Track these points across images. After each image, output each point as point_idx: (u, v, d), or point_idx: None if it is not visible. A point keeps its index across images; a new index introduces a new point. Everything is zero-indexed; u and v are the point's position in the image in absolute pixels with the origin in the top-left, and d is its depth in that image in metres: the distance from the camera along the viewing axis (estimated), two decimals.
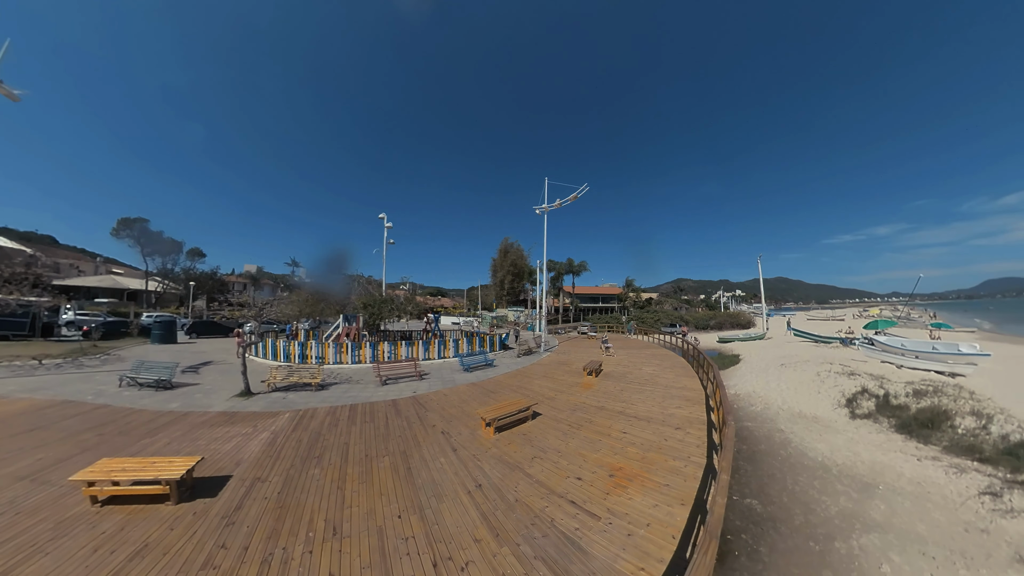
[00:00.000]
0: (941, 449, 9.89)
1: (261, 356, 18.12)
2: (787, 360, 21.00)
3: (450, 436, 8.13)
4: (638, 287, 74.02)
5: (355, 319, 20.73)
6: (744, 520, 6.67)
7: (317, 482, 5.94)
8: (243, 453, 7.00)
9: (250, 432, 8.15)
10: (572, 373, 15.45)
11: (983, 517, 7.02)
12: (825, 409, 13.48)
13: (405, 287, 65.25)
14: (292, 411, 9.80)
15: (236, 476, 6.08)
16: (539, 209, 22.51)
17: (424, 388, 12.79)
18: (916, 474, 8.67)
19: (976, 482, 8.16)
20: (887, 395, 13.53)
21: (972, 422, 10.95)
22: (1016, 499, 7.44)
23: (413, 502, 5.36)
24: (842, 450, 9.99)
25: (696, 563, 3.03)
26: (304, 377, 12.41)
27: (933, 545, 6.19)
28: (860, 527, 6.63)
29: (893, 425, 11.54)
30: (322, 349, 17.06)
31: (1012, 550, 6.11)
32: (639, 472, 6.35)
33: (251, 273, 69.33)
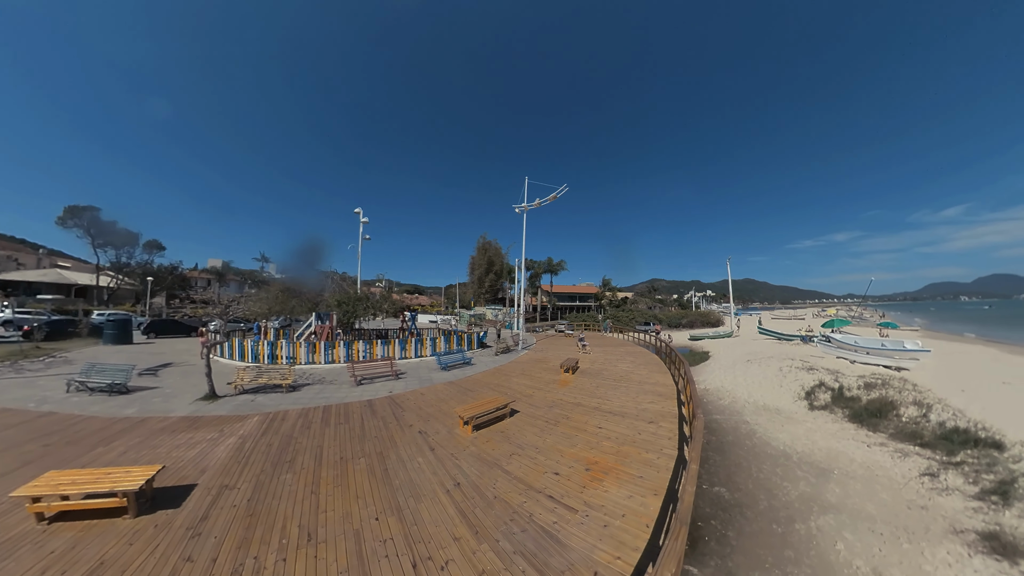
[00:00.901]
0: (887, 436, 10.72)
1: (227, 357, 17.25)
2: (753, 356, 22.13)
3: (427, 435, 8.06)
4: (614, 286, 75.68)
5: (328, 317, 20.10)
6: (713, 507, 7.00)
7: (289, 487, 5.74)
8: (209, 460, 6.66)
9: (216, 437, 7.76)
10: (549, 371, 15.63)
11: (923, 495, 7.69)
12: (787, 401, 14.31)
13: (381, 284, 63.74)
14: (261, 414, 9.40)
15: (202, 484, 5.77)
16: (518, 208, 22.57)
17: (401, 387, 12.59)
18: (866, 459, 9.36)
19: (917, 465, 8.91)
20: (841, 388, 14.52)
21: (914, 411, 11.93)
22: (951, 478, 8.20)
23: (391, 503, 5.28)
24: (802, 439, 10.64)
25: (667, 548, 3.16)
26: (274, 378, 11.93)
27: (881, 523, 6.73)
28: (818, 509, 7.11)
29: (846, 415, 12.40)
30: (293, 349, 16.46)
31: (947, 523, 6.74)
32: (614, 465, 6.53)
33: (216, 268, 65.10)
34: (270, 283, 34.38)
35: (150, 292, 43.15)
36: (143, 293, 43.56)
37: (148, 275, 43.97)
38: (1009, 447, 9.34)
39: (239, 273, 69.57)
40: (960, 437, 9.94)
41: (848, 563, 5.70)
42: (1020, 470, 8.29)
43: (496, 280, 64.30)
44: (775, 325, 46.92)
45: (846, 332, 29.50)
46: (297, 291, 23.02)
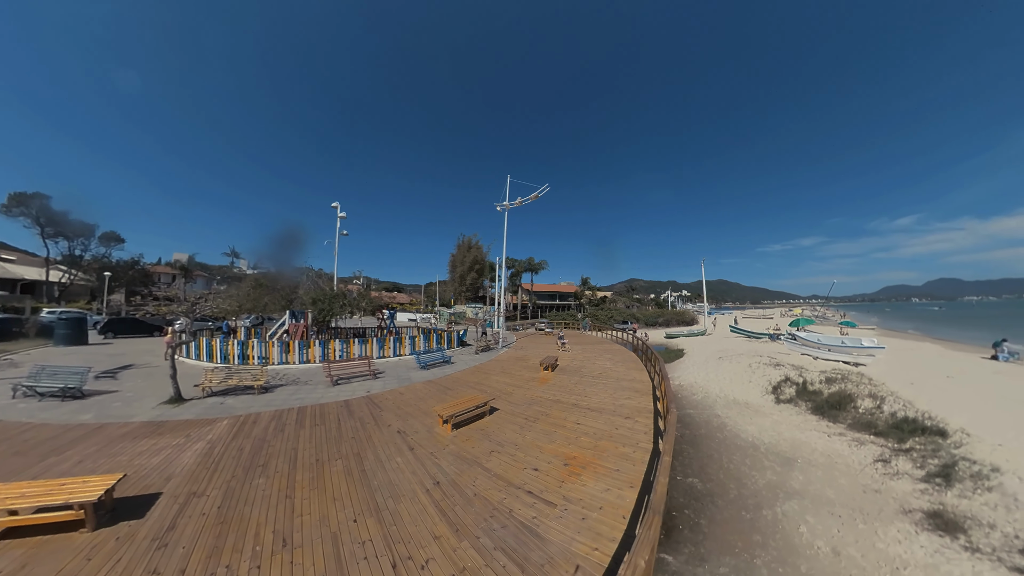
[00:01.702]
0: (846, 426, 11.41)
1: (194, 357, 16.47)
2: (724, 354, 23.04)
3: (406, 435, 7.98)
4: (593, 285, 76.90)
5: (303, 315, 19.49)
6: (687, 497, 7.27)
7: (263, 492, 5.55)
8: (175, 466, 6.35)
9: (182, 443, 7.41)
10: (529, 368, 15.76)
11: (876, 480, 8.25)
12: (755, 396, 14.98)
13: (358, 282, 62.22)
14: (232, 417, 9.04)
15: (167, 493, 5.49)
16: (500, 206, 22.59)
17: (379, 387, 12.39)
18: (826, 448, 9.94)
19: (871, 452, 9.54)
20: (805, 382, 15.34)
21: (870, 403, 12.75)
22: (901, 464, 8.83)
23: (369, 504, 5.21)
24: (769, 431, 11.17)
25: (641, 537, 3.28)
26: (245, 379, 11.48)
27: (839, 506, 7.18)
28: (783, 495, 7.51)
29: (809, 408, 13.11)
30: (266, 348, 15.88)
31: (898, 505, 7.27)
32: (592, 460, 6.67)
33: (181, 263, 61.03)
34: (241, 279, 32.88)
35: (108, 288, 40.37)
36: (100, 289, 40.74)
37: (105, 270, 40.90)
38: (951, 434, 10.15)
39: (207, 268, 65.95)
40: (909, 426, 10.71)
41: (810, 544, 6.07)
42: (960, 455, 9.02)
43: (477, 278, 64.09)
44: (746, 324, 48.99)
45: (810, 331, 31.20)
46: (270, 288, 22.18)
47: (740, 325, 42.84)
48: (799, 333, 27.62)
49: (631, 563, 2.93)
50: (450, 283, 68.09)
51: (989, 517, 6.80)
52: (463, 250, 65.02)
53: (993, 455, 8.99)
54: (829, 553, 5.87)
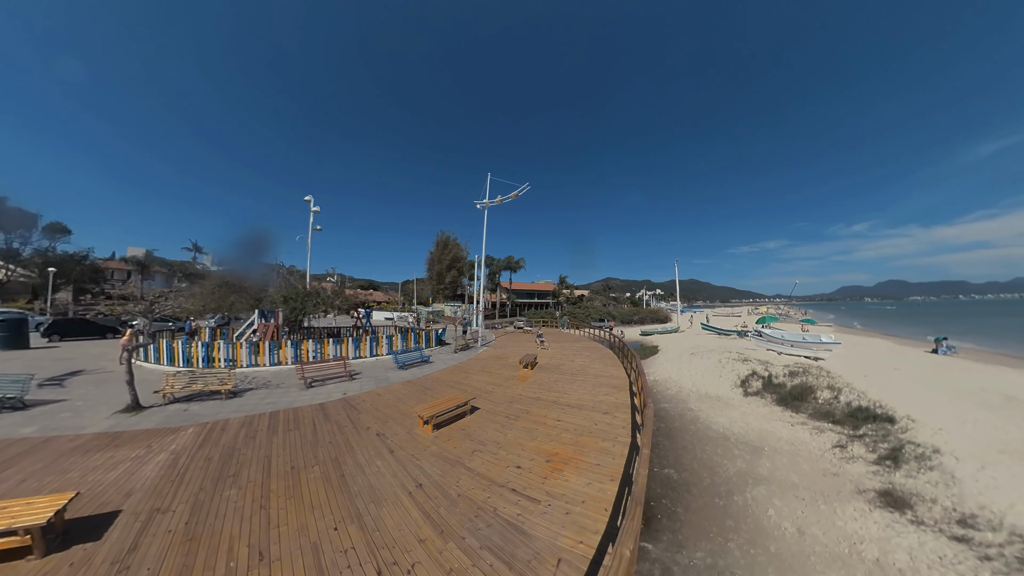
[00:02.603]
0: (807, 416, 12.17)
1: (153, 361, 15.41)
2: (696, 350, 24.04)
3: (386, 437, 7.82)
4: (571, 284, 77.97)
5: (273, 315, 18.66)
6: (664, 487, 7.54)
7: (235, 504, 5.26)
8: (135, 481, 5.92)
9: (143, 454, 6.92)
10: (509, 367, 15.80)
11: (835, 464, 8.86)
12: (725, 389, 15.70)
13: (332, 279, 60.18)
14: (197, 425, 8.54)
15: (128, 510, 5.10)
16: (480, 204, 22.45)
17: (356, 389, 12.07)
18: (790, 436, 10.56)
19: (830, 439, 10.22)
20: (770, 376, 16.22)
21: (828, 394, 13.65)
22: (855, 449, 9.51)
23: (350, 511, 5.06)
24: (738, 422, 11.74)
25: (625, 528, 3.37)
26: (211, 384, 10.88)
27: (803, 489, 7.68)
28: (752, 481, 7.94)
29: (774, 399, 13.87)
30: (233, 350, 15.10)
31: (853, 486, 7.86)
32: (573, 455, 6.77)
33: (137, 258, 56.22)
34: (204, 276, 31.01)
35: (52, 286, 36.97)
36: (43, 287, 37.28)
37: (49, 265, 37.26)
38: (899, 420, 11.02)
39: (166, 264, 61.44)
40: (862, 414, 11.55)
41: (778, 525, 6.46)
42: (906, 439, 9.82)
43: (456, 276, 63.55)
44: (716, 322, 51.16)
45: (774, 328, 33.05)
46: (237, 286, 21.03)
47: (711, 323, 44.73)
48: (765, 330, 29.23)
49: (617, 553, 3.00)
50: (428, 281, 67.14)
51: (931, 493, 7.47)
52: (440, 247, 64.25)
53: (934, 438, 9.85)
54: (795, 533, 6.26)
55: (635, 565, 3.90)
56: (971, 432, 10.39)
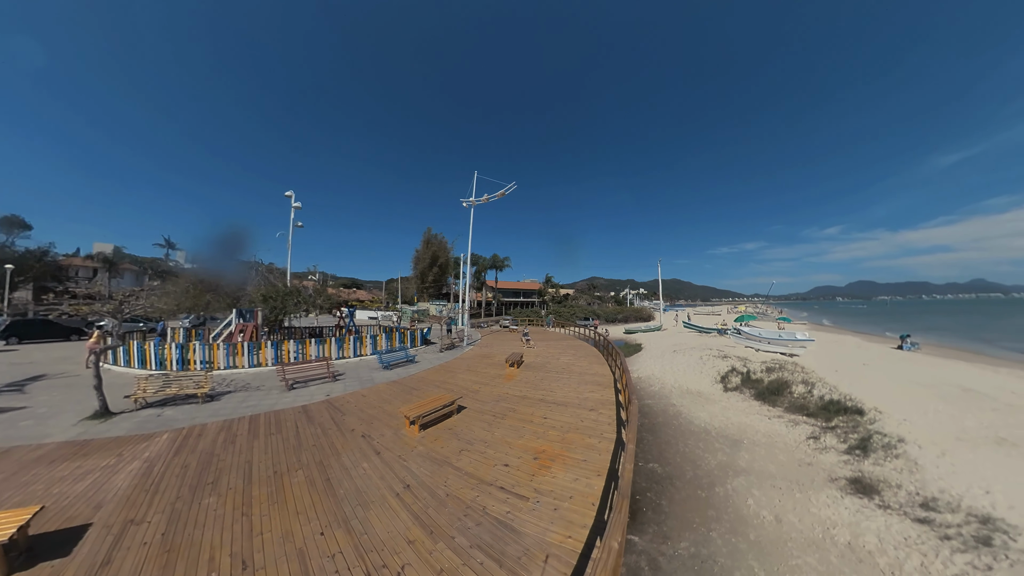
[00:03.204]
0: (783, 409, 12.64)
1: (123, 364, 14.73)
2: (678, 347, 24.66)
3: (372, 439, 7.72)
4: (556, 283, 78.54)
5: (252, 314, 18.09)
6: (648, 481, 7.71)
7: (215, 512, 5.09)
8: (105, 492, 5.64)
9: (113, 463, 6.61)
10: (495, 365, 15.81)
11: (809, 455, 9.25)
12: (706, 385, 16.14)
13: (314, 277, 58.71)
14: (173, 431, 8.22)
15: (99, 523, 4.85)
16: (466, 202, 22.34)
17: (339, 390, 11.86)
18: (768, 429, 10.95)
19: (805, 431, 10.65)
20: (749, 372, 16.78)
21: (802, 388, 14.21)
22: (828, 440, 9.95)
23: (336, 515, 4.98)
24: (718, 416, 12.10)
25: (612, 521, 3.44)
26: (186, 387, 10.48)
27: (780, 479, 7.98)
28: (732, 473, 8.20)
29: (752, 394, 14.35)
30: (209, 351, 14.58)
31: (825, 474, 8.23)
32: (560, 452, 6.86)
33: (105, 255, 52.72)
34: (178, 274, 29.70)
35: (10, 284, 34.61)
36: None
37: (6, 262, 34.88)
38: (867, 412, 11.59)
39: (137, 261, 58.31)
40: (834, 407, 12.08)
41: (756, 514, 6.71)
42: (874, 429, 10.34)
43: (441, 275, 63.06)
44: (697, 320, 52.54)
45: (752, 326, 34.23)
46: (213, 284, 20.24)
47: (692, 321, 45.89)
48: (743, 328, 30.27)
49: (605, 546, 3.07)
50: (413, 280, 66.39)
51: (897, 479, 7.89)
52: (427, 246, 63.65)
53: (899, 428, 10.42)
54: (773, 520, 6.52)
55: (623, 557, 3.99)
56: (932, 422, 11.04)
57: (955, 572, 5.36)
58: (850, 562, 5.57)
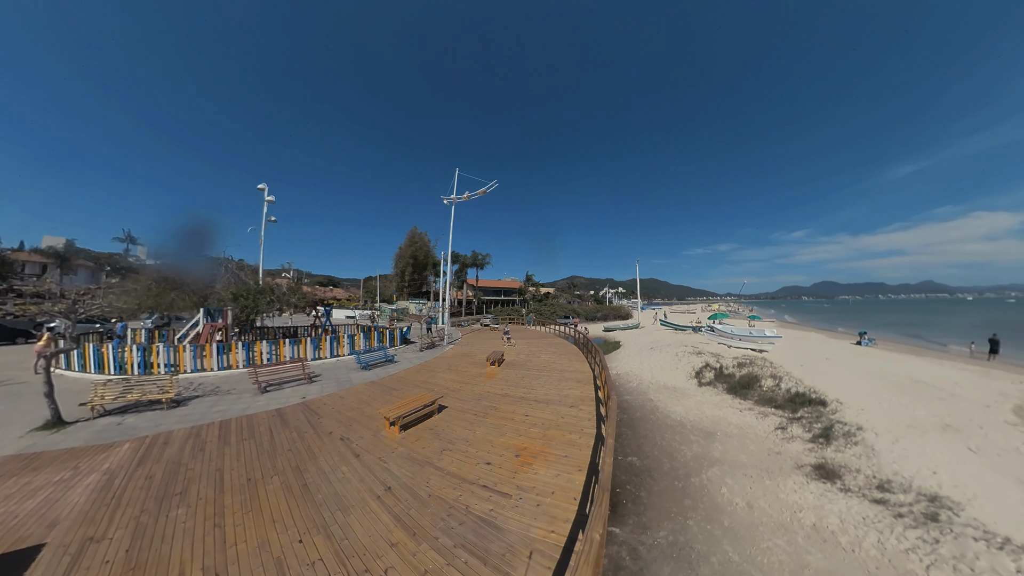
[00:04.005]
0: (754, 402, 13.23)
1: (77, 369, 13.75)
2: (655, 344, 25.38)
3: (350, 441, 7.55)
4: (537, 282, 79.00)
5: (221, 314, 17.27)
6: (627, 474, 7.91)
7: (184, 524, 4.84)
8: (60, 509, 5.24)
9: (68, 477, 6.15)
10: (476, 364, 15.77)
11: (777, 444, 9.73)
12: (681, 380, 16.68)
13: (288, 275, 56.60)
14: (135, 439, 7.75)
15: (53, 543, 4.51)
16: (447, 199, 22.10)
17: (316, 392, 11.52)
18: (739, 421, 11.44)
19: (773, 422, 11.19)
20: (721, 367, 17.43)
21: (771, 382, 14.90)
22: (794, 429, 10.49)
23: (315, 521, 4.84)
24: (693, 410, 12.53)
25: (593, 514, 3.52)
26: (150, 392, 9.90)
27: (751, 468, 8.38)
28: (707, 464, 8.55)
29: (725, 388, 14.94)
30: (175, 354, 13.83)
31: (793, 462, 8.70)
32: (542, 449, 6.93)
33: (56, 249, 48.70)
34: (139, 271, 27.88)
35: None
36: None
37: None
38: (829, 403, 12.29)
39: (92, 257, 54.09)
40: (800, 399, 12.75)
41: (730, 501, 7.04)
42: (836, 419, 10.98)
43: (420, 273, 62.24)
44: (672, 318, 54.16)
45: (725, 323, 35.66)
46: (178, 281, 19.10)
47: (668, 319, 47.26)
48: (716, 325, 31.50)
49: (587, 538, 3.14)
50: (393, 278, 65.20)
51: (856, 464, 8.42)
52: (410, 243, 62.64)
53: (858, 417, 11.10)
54: (745, 507, 6.85)
55: (604, 548, 4.08)
56: (886, 411, 11.82)
57: (907, 546, 5.79)
58: (815, 542, 5.92)
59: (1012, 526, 6.19)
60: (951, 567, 5.36)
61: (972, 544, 5.75)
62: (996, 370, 18.53)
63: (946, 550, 5.66)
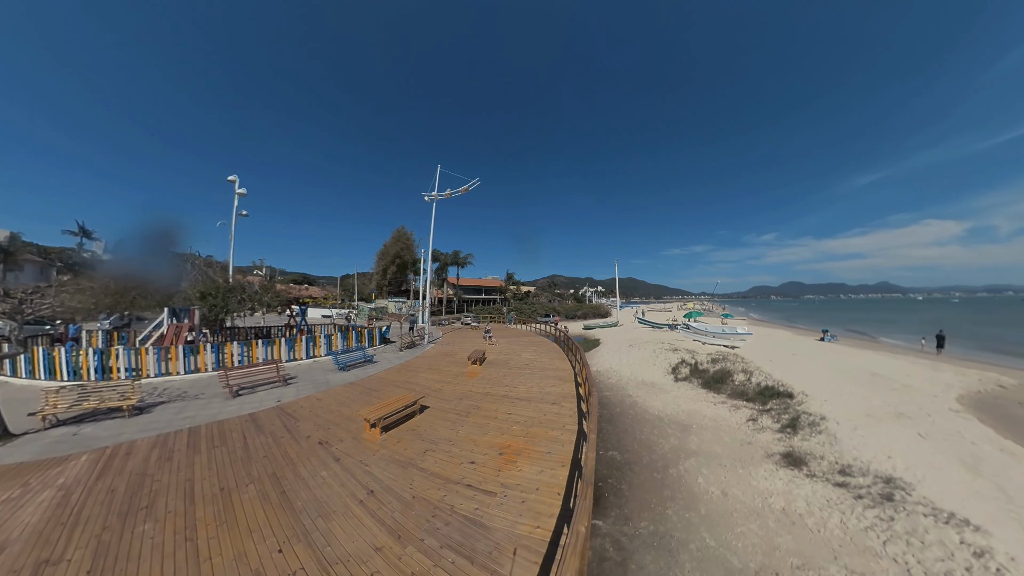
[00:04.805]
0: (727, 396, 13.80)
1: (25, 375, 12.72)
2: (634, 342, 26.04)
3: (330, 445, 7.36)
4: (518, 280, 79.18)
5: (188, 313, 16.38)
6: (609, 468, 8.11)
7: (152, 540, 4.55)
8: (8, 530, 4.81)
9: (18, 496, 5.65)
10: (457, 363, 15.69)
11: (749, 435, 10.20)
12: (659, 376, 17.19)
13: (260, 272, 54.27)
14: (93, 451, 7.24)
15: (2, 568, 4.16)
16: (428, 196, 21.77)
17: (291, 394, 11.14)
18: (714, 414, 11.91)
19: (745, 414, 11.72)
20: (696, 363, 18.08)
21: (743, 377, 15.59)
22: (764, 421, 11.02)
23: (295, 529, 4.69)
24: (670, 404, 12.94)
25: (578, 508, 3.59)
26: (109, 399, 9.30)
27: (725, 458, 8.76)
28: (683, 455, 8.88)
29: (700, 383, 15.52)
30: (136, 357, 13.03)
31: (763, 451, 9.16)
32: (525, 446, 6.98)
33: None
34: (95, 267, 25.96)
35: None
36: None
37: None
38: (796, 396, 12.99)
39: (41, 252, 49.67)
40: (769, 392, 13.41)
41: (706, 490, 7.35)
42: (802, 410, 11.61)
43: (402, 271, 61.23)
44: (650, 316, 55.62)
45: (700, 321, 36.96)
46: (140, 279, 17.89)
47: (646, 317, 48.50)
48: (692, 323, 32.62)
49: (572, 531, 3.19)
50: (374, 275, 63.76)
51: (820, 452, 8.95)
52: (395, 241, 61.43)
53: (822, 408, 11.79)
54: (720, 495, 7.17)
55: (589, 541, 4.17)
56: (847, 402, 12.61)
57: (867, 525, 6.23)
58: (785, 525, 6.27)
59: (956, 502, 6.76)
60: (904, 541, 5.80)
61: (922, 520, 6.24)
62: (943, 363, 20.19)
63: (900, 526, 6.11)
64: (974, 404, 13.21)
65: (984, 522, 6.18)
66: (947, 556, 5.48)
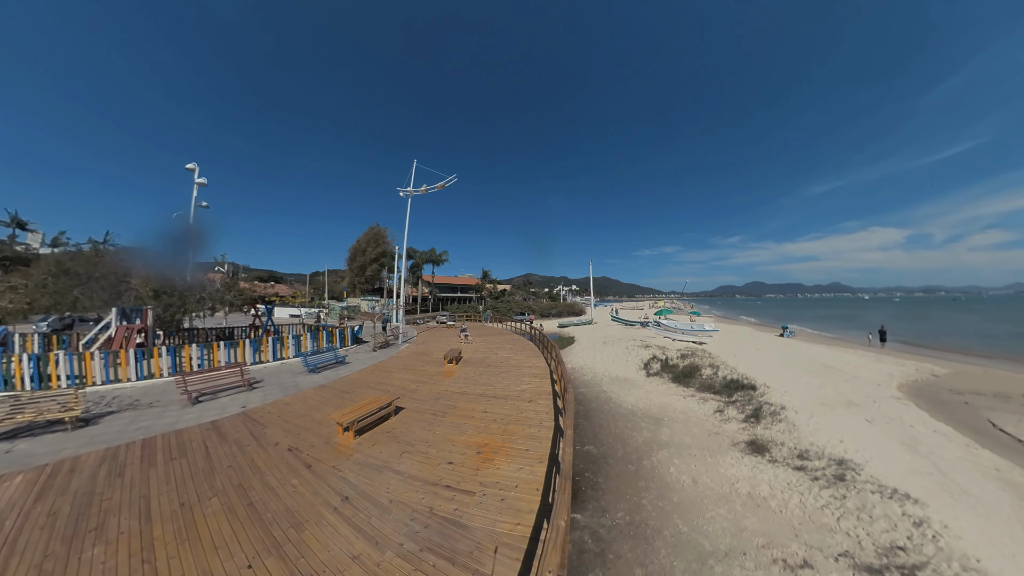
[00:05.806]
0: (695, 389, 14.41)
1: None
2: (607, 339, 26.70)
3: (300, 451, 7.06)
4: (494, 279, 79.07)
5: (140, 314, 15.19)
6: (585, 463, 8.27)
7: (103, 566, 4.15)
8: None
9: None
10: (433, 363, 15.50)
11: (716, 425, 10.70)
12: (632, 372, 17.70)
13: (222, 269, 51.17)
14: (31, 469, 6.52)
15: None
16: (403, 192, 21.29)
17: (257, 400, 10.60)
18: (683, 407, 12.40)
19: (712, 406, 12.27)
20: (667, 359, 18.76)
21: (709, 371, 16.32)
22: (730, 412, 11.59)
23: (265, 543, 4.45)
24: (643, 399, 13.36)
25: (558, 503, 3.64)
26: (48, 411, 8.47)
27: (695, 448, 9.15)
28: (656, 447, 9.19)
29: (670, 378, 16.13)
30: (79, 363, 11.96)
31: (729, 440, 9.64)
32: (503, 444, 7.00)
33: None
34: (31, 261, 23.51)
35: None
36: None
37: None
38: (759, 388, 13.74)
39: None
40: (734, 385, 14.13)
41: (678, 480, 7.65)
42: (764, 401, 12.30)
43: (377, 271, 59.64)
44: (623, 314, 57.12)
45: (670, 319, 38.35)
46: (83, 275, 16.33)
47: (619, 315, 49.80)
48: (662, 321, 33.81)
49: (552, 526, 3.24)
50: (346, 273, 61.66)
51: (780, 439, 9.52)
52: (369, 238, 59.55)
53: (782, 398, 12.53)
54: (691, 483, 7.49)
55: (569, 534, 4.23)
56: (804, 392, 13.48)
57: (823, 503, 6.71)
58: (751, 508, 6.64)
59: (898, 479, 7.42)
60: (855, 517, 6.29)
61: (870, 496, 6.78)
62: (886, 356, 22.07)
63: (851, 503, 6.63)
64: (912, 391, 14.53)
65: (922, 495, 6.81)
66: (891, 528, 5.99)
